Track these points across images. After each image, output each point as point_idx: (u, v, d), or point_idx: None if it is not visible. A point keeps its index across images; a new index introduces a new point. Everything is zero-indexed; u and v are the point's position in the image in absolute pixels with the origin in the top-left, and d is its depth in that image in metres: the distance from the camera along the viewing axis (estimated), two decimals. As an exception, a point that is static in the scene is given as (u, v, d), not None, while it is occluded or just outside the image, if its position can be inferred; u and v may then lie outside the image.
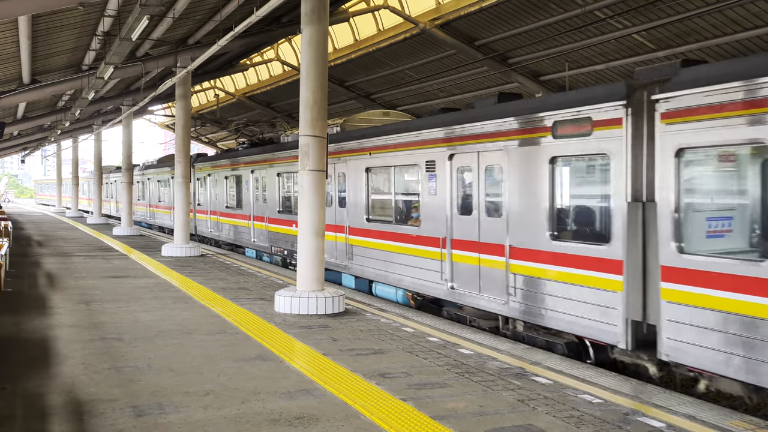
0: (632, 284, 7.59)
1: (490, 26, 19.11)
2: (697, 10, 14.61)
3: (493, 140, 9.80)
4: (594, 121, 8.10)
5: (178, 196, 19.94)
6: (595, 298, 8.01)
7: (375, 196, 13.44)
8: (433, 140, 11.21)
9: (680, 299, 6.98)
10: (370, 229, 13.19)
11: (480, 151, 10.09)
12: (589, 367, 7.56)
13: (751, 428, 5.57)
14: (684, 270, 6.93)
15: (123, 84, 26.37)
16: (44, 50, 17.78)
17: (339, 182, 14.50)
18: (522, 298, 9.16)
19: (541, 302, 8.84)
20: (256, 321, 9.77)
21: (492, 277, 9.76)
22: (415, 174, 12.02)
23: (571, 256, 8.38)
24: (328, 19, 10.96)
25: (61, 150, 53.21)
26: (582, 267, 8.21)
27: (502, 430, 5.41)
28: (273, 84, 31.12)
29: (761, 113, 6.28)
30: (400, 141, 12.17)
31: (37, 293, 12.29)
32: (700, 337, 6.77)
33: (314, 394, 6.32)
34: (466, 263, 10.31)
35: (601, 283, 7.92)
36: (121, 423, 5.47)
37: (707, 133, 6.76)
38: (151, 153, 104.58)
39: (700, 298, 6.77)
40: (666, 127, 7.18)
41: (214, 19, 17.36)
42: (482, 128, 10.03)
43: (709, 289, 6.67)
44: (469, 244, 10.28)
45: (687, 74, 7.13)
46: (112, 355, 7.69)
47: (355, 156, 13.80)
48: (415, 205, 12.04)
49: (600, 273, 7.94)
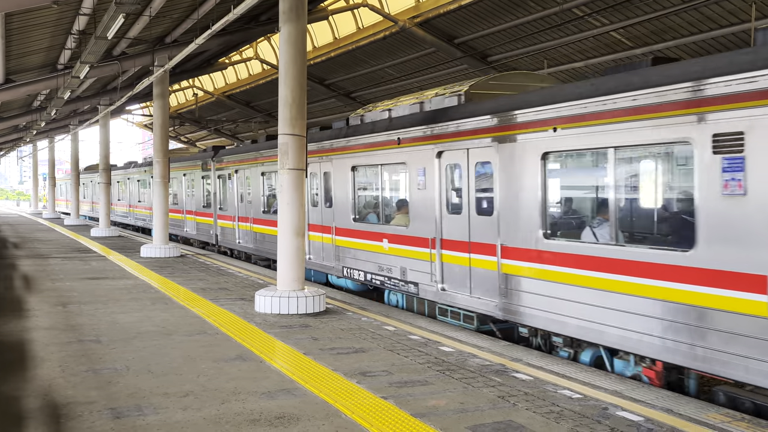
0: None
1: (469, 24, 19.16)
2: (673, 8, 14.76)
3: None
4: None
5: (156, 197, 19.77)
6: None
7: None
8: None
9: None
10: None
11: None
12: (569, 363, 7.61)
13: (727, 420, 5.64)
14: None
15: (99, 83, 26.08)
16: (18, 49, 17.53)
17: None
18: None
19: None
20: (237, 321, 9.71)
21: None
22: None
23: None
24: (307, 17, 10.92)
25: (37, 151, 52.52)
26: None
27: (482, 426, 5.42)
28: (252, 83, 30.97)
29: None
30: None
31: (12, 295, 12.11)
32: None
33: (295, 393, 6.30)
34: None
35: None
36: (99, 425, 5.40)
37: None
38: (129, 153, 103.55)
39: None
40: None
41: (192, 18, 17.23)
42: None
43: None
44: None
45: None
46: (89, 358, 7.60)
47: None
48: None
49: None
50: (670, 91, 6.71)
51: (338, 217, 13.44)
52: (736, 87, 6.09)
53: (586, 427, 5.40)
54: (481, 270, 9.47)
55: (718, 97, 6.25)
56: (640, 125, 7.02)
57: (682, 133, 6.59)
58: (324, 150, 13.95)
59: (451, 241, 10.15)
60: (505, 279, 8.95)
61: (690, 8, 14.56)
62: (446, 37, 20.20)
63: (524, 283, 8.61)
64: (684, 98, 6.58)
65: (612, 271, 7.34)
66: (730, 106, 6.14)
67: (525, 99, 8.87)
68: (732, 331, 6.09)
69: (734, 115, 6.09)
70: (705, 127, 6.36)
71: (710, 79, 6.36)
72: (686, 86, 6.56)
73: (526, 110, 8.62)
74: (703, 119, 6.38)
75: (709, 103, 6.34)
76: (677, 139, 6.68)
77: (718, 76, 6.28)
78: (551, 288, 8.17)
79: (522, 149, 8.66)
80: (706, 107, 6.36)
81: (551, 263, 8.18)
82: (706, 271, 6.36)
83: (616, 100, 7.29)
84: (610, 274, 7.36)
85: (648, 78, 7.08)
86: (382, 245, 11.88)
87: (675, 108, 6.67)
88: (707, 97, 6.37)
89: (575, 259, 7.84)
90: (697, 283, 6.42)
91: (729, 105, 6.16)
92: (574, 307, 7.82)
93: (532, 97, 8.76)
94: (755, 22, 13.85)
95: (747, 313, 5.98)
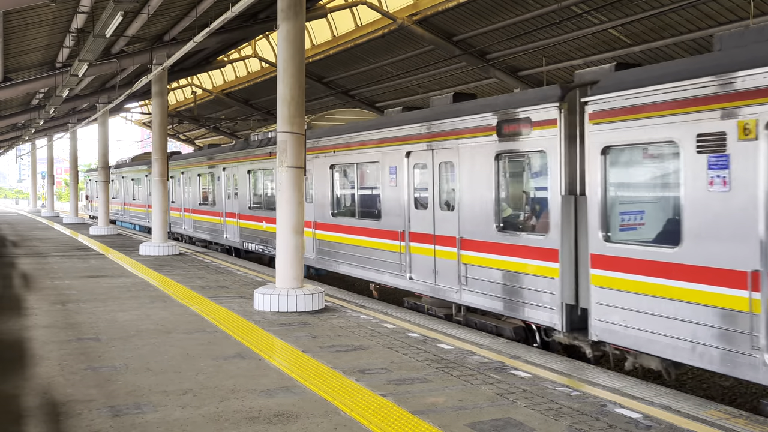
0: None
1: (468, 22, 19.15)
2: (672, 5, 14.75)
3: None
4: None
5: (155, 195, 19.75)
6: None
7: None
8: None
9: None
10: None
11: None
12: (568, 361, 7.63)
13: (725, 417, 5.64)
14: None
15: (98, 81, 26.03)
16: (16, 47, 17.50)
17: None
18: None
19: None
20: (236, 319, 9.72)
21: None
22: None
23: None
24: (305, 15, 10.91)
25: (35, 149, 52.47)
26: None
27: (481, 423, 5.43)
28: (251, 81, 30.94)
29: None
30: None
31: (11, 294, 12.11)
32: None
33: (294, 391, 6.30)
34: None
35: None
36: (98, 423, 5.40)
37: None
38: (128, 151, 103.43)
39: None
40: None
41: (190, 16, 17.18)
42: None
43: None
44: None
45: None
46: (88, 356, 7.60)
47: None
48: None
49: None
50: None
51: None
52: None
53: (584, 424, 5.41)
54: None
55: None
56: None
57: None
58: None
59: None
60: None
61: (689, 5, 14.55)
62: (445, 34, 20.19)
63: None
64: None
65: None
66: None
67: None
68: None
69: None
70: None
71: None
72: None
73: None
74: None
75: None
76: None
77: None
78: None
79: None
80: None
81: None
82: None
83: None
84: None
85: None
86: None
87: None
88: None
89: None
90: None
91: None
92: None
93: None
94: (753, 19, 13.85)
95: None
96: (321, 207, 14.27)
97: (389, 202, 11.77)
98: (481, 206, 9.52)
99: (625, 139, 7.29)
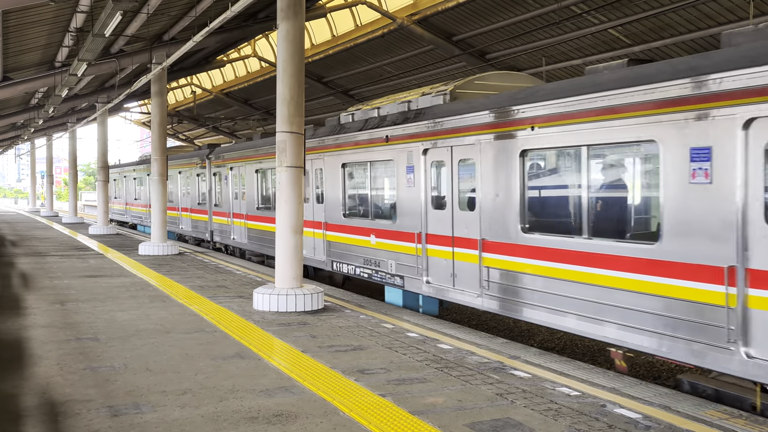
0: None
1: (468, 21, 19.15)
2: (671, 5, 14.76)
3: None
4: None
5: (154, 194, 19.74)
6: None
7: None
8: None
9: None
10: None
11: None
12: (567, 361, 7.62)
13: (725, 417, 5.64)
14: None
15: (97, 81, 26.03)
16: (16, 47, 17.49)
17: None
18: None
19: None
20: (235, 319, 9.71)
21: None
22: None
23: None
24: (305, 15, 10.90)
25: (35, 149, 52.44)
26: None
27: (480, 423, 5.42)
28: (250, 80, 30.93)
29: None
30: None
31: (10, 293, 12.10)
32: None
33: (293, 391, 6.29)
34: None
35: None
36: (97, 423, 5.39)
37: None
38: (127, 151, 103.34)
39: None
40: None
41: (190, 15, 17.18)
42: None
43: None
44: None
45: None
46: (87, 356, 7.59)
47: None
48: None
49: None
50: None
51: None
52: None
53: (584, 424, 5.40)
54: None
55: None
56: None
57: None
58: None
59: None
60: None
61: (688, 5, 14.56)
62: (444, 34, 20.18)
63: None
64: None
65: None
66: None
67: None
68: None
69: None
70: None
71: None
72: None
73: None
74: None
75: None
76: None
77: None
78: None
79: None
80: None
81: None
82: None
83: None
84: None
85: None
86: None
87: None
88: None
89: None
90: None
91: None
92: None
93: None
94: (753, 19, 13.85)
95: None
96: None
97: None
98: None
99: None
